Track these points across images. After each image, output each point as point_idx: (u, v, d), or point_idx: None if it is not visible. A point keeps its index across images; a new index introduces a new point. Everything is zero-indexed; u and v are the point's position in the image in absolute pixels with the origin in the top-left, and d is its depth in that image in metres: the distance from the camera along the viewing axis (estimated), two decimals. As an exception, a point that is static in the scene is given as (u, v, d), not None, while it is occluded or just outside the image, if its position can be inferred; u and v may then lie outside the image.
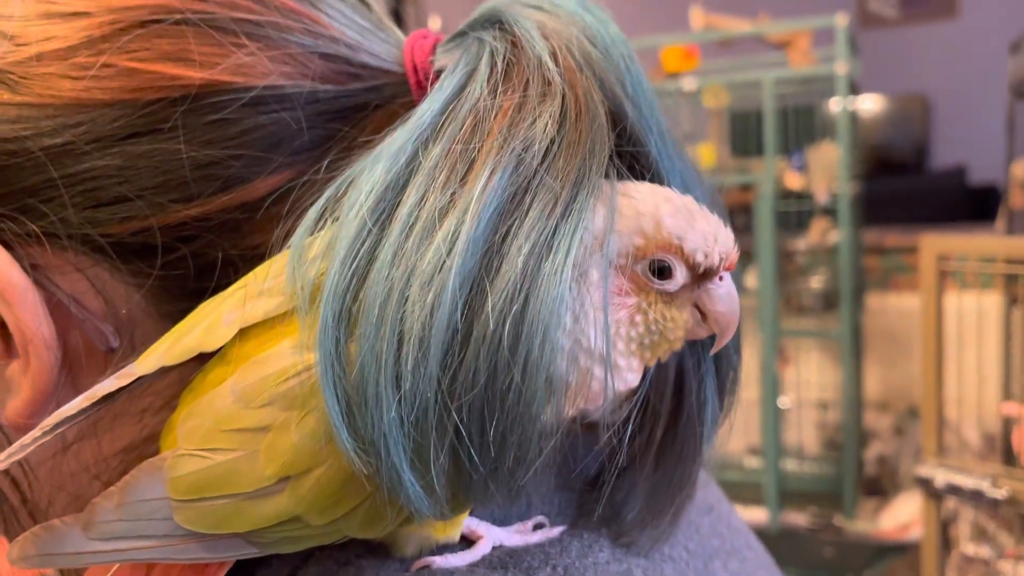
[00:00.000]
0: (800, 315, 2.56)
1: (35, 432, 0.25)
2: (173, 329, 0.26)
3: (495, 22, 0.28)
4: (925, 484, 1.62)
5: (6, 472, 0.31)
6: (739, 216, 2.46)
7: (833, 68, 2.24)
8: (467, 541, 0.29)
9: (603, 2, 0.29)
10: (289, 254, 0.25)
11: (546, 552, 0.29)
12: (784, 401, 2.66)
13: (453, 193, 0.24)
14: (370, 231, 0.24)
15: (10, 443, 0.30)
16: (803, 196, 2.41)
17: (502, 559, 0.28)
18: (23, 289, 0.27)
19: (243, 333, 0.25)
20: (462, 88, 0.27)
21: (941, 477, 1.58)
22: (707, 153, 2.34)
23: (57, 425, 0.25)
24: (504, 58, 0.27)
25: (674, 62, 2.34)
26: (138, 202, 0.27)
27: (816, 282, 2.55)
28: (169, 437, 0.26)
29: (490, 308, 0.23)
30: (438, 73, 0.29)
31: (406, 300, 0.23)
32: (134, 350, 0.29)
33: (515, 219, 0.24)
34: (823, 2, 3.63)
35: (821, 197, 2.34)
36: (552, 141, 0.25)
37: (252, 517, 0.25)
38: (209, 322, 0.25)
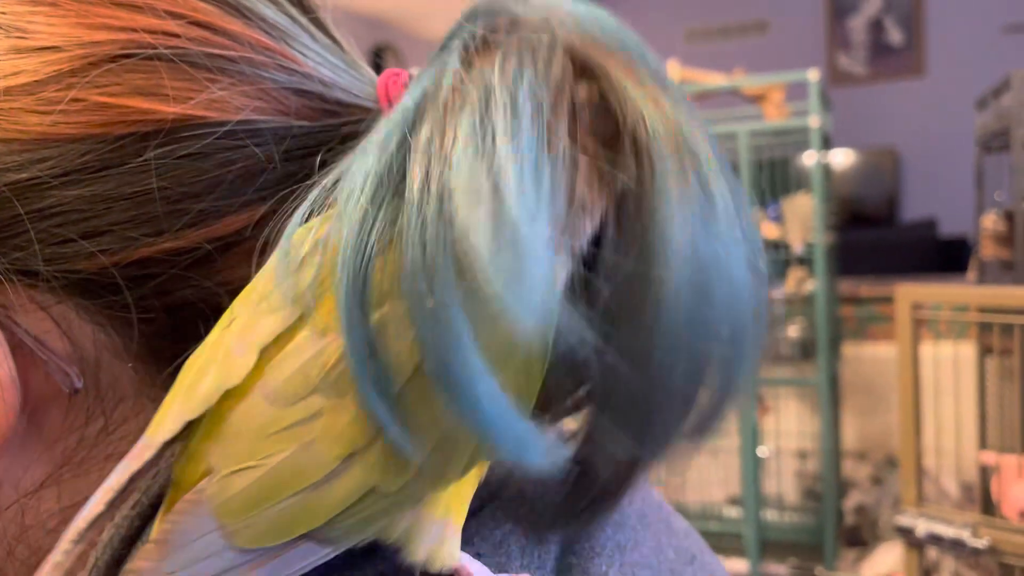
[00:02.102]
0: (778, 364, 2.57)
1: (66, 544, 0.23)
2: (174, 388, 0.25)
3: (472, 18, 0.26)
4: (906, 533, 1.61)
5: None
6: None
7: (806, 122, 2.29)
8: None
9: None
10: (277, 254, 0.24)
11: None
12: (763, 450, 2.65)
13: (488, 147, 0.22)
14: (376, 216, 0.23)
15: None
16: (779, 246, 2.44)
17: None
18: None
19: (260, 355, 0.24)
20: (440, 73, 0.25)
21: (922, 526, 1.58)
22: (684, 203, 2.37)
23: (88, 528, 0.23)
24: (479, 38, 0.25)
25: (651, 114, 2.38)
26: (107, 237, 0.27)
27: (793, 331, 2.57)
28: (190, 469, 0.24)
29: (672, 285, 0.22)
30: None
31: (463, 273, 0.21)
32: (99, 392, 0.28)
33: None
34: (794, 60, 3.73)
35: (797, 247, 2.37)
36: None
37: (326, 505, 0.23)
38: (219, 362, 0.24)
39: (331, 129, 0.29)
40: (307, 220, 0.25)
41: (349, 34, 0.34)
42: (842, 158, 4.51)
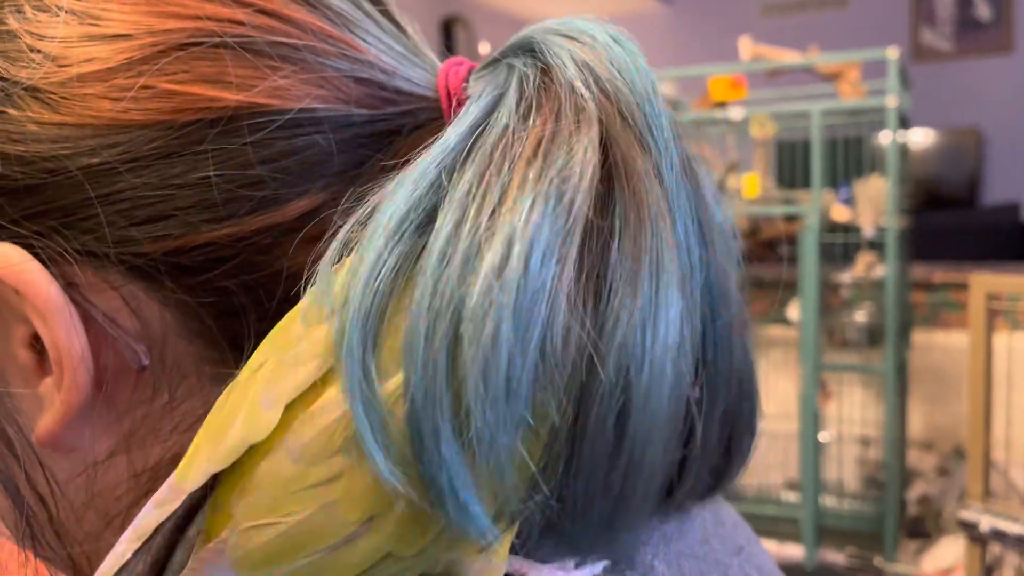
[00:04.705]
0: (844, 349, 2.52)
1: None
2: (203, 429, 0.25)
3: (527, 49, 0.28)
4: (969, 528, 1.58)
5: (33, 488, 0.31)
6: (784, 247, 2.44)
7: (883, 101, 2.22)
8: None
9: (656, 29, 0.28)
10: (308, 297, 0.25)
11: None
12: (824, 436, 2.61)
13: (491, 222, 0.23)
14: (391, 252, 0.24)
15: (40, 463, 0.31)
16: (849, 229, 2.38)
17: None
18: (59, 306, 0.27)
19: (287, 408, 0.24)
20: (488, 113, 0.26)
21: (986, 522, 1.54)
22: (751, 183, 2.33)
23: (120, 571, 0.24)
24: (533, 83, 0.26)
25: (721, 91, 2.34)
26: (172, 222, 0.27)
27: (861, 316, 2.51)
28: (215, 519, 0.25)
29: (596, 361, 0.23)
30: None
31: (459, 338, 0.22)
32: (165, 369, 0.29)
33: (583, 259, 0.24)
34: (875, 35, 3.60)
35: (868, 230, 2.30)
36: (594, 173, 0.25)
37: (342, 567, 0.24)
38: (246, 413, 0.24)
39: (391, 118, 0.30)
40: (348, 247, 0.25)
41: (417, 11, 0.34)
42: (922, 138, 4.35)
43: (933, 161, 4.40)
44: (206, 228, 0.28)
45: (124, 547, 0.24)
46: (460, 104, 0.29)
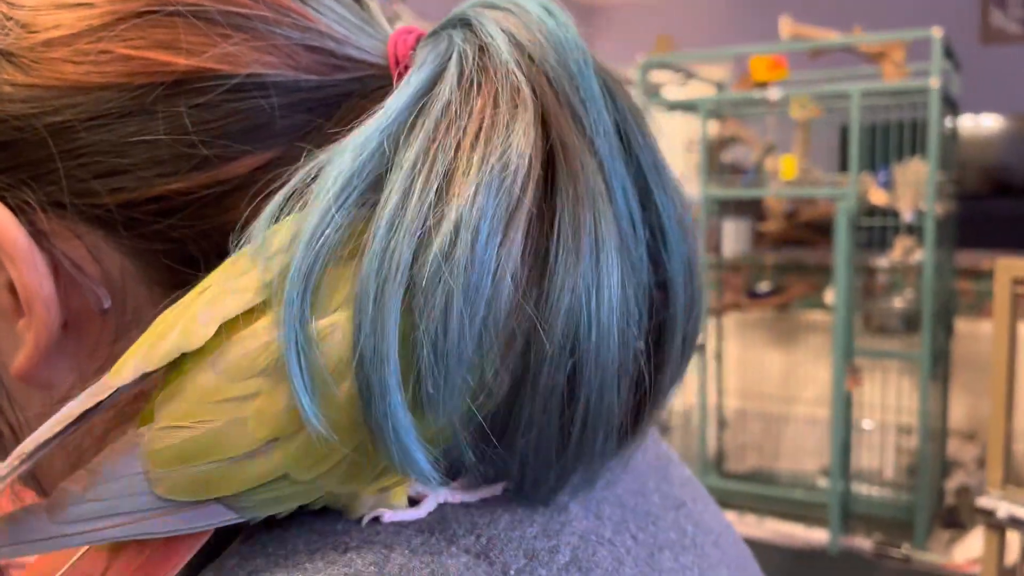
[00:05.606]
0: (881, 335, 2.48)
1: (13, 460, 0.26)
2: (140, 340, 0.27)
3: (465, 23, 0.30)
4: (987, 515, 1.56)
5: (5, 417, 0.34)
6: (828, 230, 2.40)
7: (926, 82, 2.17)
8: (414, 502, 0.30)
9: (700, 8, 0.28)
10: (252, 242, 0.27)
11: (473, 521, 0.30)
12: (868, 423, 2.58)
13: (439, 202, 0.25)
14: (337, 212, 0.26)
15: (10, 400, 0.34)
16: (888, 213, 2.33)
17: (430, 524, 0.30)
18: (27, 251, 0.30)
19: (220, 329, 0.26)
20: (430, 87, 0.28)
21: (1004, 509, 1.53)
22: (788, 165, 2.30)
23: (35, 451, 0.26)
24: (472, 61, 0.28)
25: (762, 71, 2.32)
26: (127, 176, 0.30)
27: (899, 302, 2.46)
28: (142, 420, 0.27)
29: (546, 346, 0.26)
30: None
31: (411, 309, 0.25)
32: (125, 314, 0.32)
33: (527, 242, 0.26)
34: (944, 17, 3.48)
35: (906, 215, 2.26)
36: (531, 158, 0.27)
37: (241, 478, 0.26)
38: (183, 325, 0.27)
39: (340, 84, 0.32)
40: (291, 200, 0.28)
41: None
42: (991, 122, 4.21)
43: (1000, 147, 4.25)
44: (158, 182, 0.30)
45: (50, 425, 0.27)
46: (408, 71, 0.31)
